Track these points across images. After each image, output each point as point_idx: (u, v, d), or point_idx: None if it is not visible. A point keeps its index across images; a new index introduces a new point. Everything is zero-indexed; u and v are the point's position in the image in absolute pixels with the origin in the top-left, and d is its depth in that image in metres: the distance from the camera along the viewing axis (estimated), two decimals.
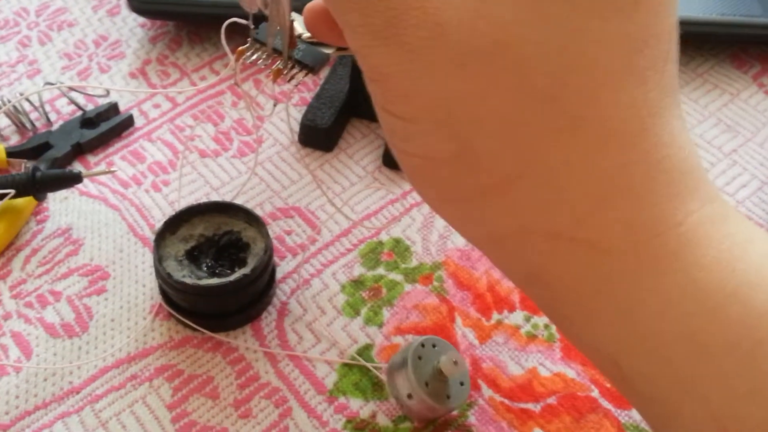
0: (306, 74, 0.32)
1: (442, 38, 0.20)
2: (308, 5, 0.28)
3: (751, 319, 0.21)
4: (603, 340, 0.23)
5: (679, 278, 0.21)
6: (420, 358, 0.34)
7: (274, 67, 0.32)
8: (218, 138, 0.47)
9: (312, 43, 0.32)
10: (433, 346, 0.34)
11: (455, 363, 0.32)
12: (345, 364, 0.37)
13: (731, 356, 0.21)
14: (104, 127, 0.46)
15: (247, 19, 0.32)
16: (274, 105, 0.35)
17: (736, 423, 0.21)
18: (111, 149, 0.46)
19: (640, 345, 0.22)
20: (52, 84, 0.48)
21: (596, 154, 0.21)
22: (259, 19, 0.31)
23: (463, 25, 0.20)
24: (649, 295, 0.21)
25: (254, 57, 0.32)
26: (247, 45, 0.32)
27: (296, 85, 0.35)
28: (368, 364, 0.37)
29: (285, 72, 0.32)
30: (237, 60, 0.32)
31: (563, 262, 0.22)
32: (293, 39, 0.31)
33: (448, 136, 0.22)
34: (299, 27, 0.31)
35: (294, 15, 0.30)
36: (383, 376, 0.36)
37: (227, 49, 0.34)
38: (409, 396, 0.33)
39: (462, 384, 0.34)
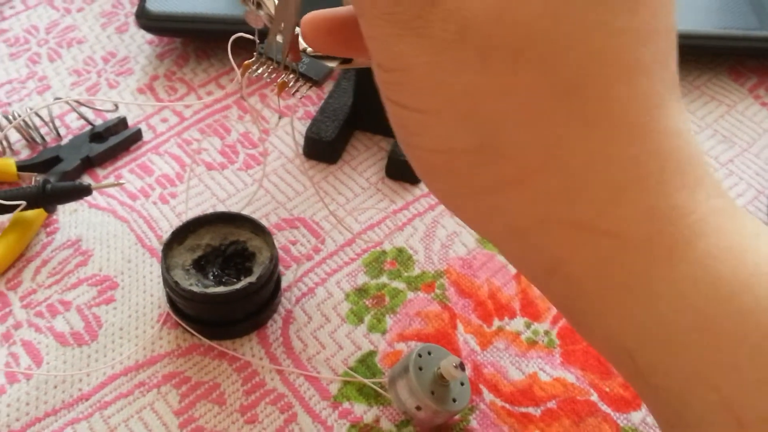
0: (310, 87, 0.33)
1: (468, 32, 0.21)
2: (306, 17, 0.28)
3: (761, 309, 0.21)
4: (618, 332, 0.23)
5: (692, 268, 0.21)
6: (421, 368, 0.34)
7: (279, 80, 0.33)
8: (224, 151, 0.48)
9: (316, 57, 0.33)
10: (429, 353, 0.35)
11: (455, 367, 0.33)
12: (348, 371, 0.38)
13: (743, 345, 0.21)
14: (113, 141, 0.47)
15: (253, 34, 0.32)
16: (279, 119, 0.36)
17: (748, 411, 0.21)
18: (119, 162, 0.47)
19: (655, 336, 0.22)
20: (61, 99, 0.49)
21: (613, 145, 0.21)
22: (265, 34, 0.32)
23: (489, 20, 0.21)
24: (664, 285, 0.22)
25: (260, 71, 0.33)
26: (253, 59, 0.33)
27: (300, 98, 0.36)
28: (367, 380, 0.37)
29: (290, 85, 0.33)
30: (243, 74, 0.33)
31: (584, 253, 0.22)
32: (297, 53, 0.32)
33: (471, 129, 0.22)
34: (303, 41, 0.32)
35: (299, 29, 0.31)
36: (383, 392, 0.36)
37: (233, 63, 0.34)
38: (418, 408, 0.34)
39: (462, 384, 0.35)
